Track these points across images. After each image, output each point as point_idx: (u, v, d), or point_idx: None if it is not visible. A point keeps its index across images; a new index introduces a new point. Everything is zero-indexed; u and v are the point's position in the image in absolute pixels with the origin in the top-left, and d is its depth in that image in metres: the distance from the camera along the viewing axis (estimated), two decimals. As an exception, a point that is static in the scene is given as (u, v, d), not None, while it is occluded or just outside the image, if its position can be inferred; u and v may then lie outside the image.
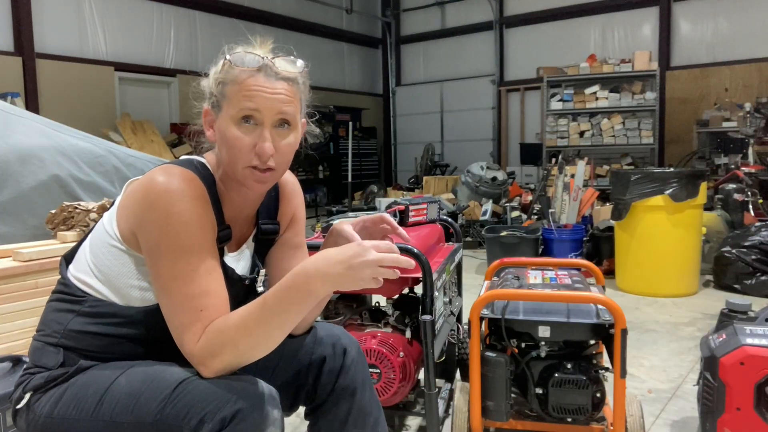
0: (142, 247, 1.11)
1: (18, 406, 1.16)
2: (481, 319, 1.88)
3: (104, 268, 1.17)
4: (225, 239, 1.21)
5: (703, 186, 4.17)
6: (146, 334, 1.17)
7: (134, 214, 1.11)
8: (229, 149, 1.13)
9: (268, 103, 1.11)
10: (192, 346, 1.05)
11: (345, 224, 1.28)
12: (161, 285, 1.08)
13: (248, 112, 1.11)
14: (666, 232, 4.18)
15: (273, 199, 1.35)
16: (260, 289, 1.33)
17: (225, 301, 1.11)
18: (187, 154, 1.25)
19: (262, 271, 1.35)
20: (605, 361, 1.93)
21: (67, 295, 1.20)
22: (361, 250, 1.01)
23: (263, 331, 1.04)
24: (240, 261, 1.29)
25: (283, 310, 1.03)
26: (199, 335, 1.05)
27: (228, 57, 1.13)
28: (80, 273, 1.20)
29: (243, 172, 1.13)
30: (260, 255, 1.36)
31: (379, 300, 2.20)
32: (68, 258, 1.26)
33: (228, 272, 1.22)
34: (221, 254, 1.22)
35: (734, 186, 5.37)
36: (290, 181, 1.38)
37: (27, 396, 1.15)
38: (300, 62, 1.18)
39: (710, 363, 1.88)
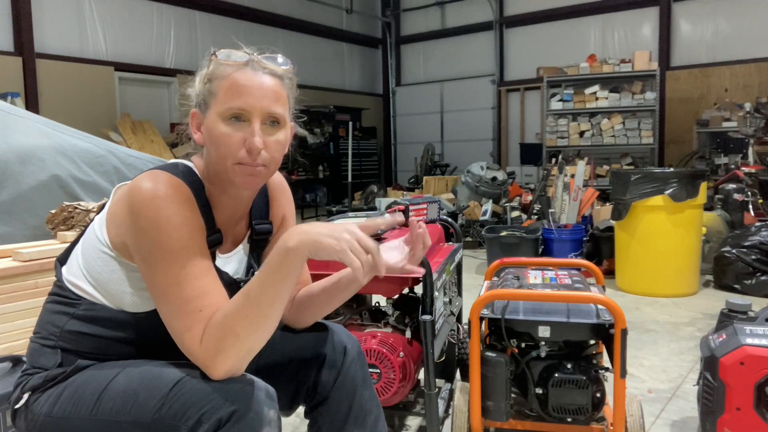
0: (134, 256, 1.10)
1: (16, 406, 1.17)
2: (481, 319, 1.88)
3: (95, 274, 1.17)
4: (215, 244, 1.20)
5: (703, 186, 4.17)
6: (140, 338, 1.17)
7: (123, 223, 1.11)
8: (218, 147, 1.12)
9: (256, 100, 1.11)
10: (196, 348, 1.05)
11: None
12: (158, 292, 1.08)
13: (237, 111, 1.10)
14: (666, 232, 4.18)
15: (263, 199, 1.35)
16: None
17: (224, 299, 1.10)
18: (183, 156, 1.24)
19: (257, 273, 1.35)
20: (605, 361, 1.93)
21: (62, 297, 1.20)
22: (349, 226, 1.03)
23: (257, 309, 1.02)
24: (231, 263, 1.28)
25: (269, 277, 1.02)
26: (201, 335, 1.05)
27: (215, 53, 1.14)
28: (73, 277, 1.20)
29: (232, 168, 1.12)
30: (255, 256, 1.36)
31: (379, 300, 2.20)
32: (62, 260, 1.26)
33: (221, 275, 1.21)
34: (212, 258, 1.22)
35: (734, 186, 5.37)
36: (277, 181, 1.38)
37: (25, 396, 1.15)
38: (286, 60, 1.18)
39: (710, 363, 1.88)
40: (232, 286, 1.24)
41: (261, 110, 1.11)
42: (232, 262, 1.29)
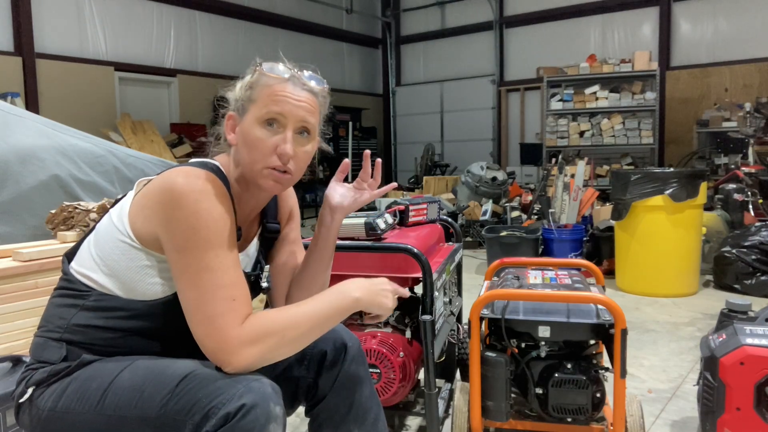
0: (166, 246, 1.12)
1: (21, 401, 1.17)
2: (481, 319, 1.88)
3: (111, 263, 1.18)
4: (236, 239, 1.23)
5: (703, 186, 4.17)
6: (150, 328, 1.18)
7: (156, 215, 1.12)
8: (251, 149, 1.18)
9: (293, 109, 1.18)
10: (228, 333, 1.06)
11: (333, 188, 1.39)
12: (189, 278, 1.09)
13: (274, 115, 1.17)
14: (666, 232, 4.18)
15: (273, 200, 1.40)
16: (264, 284, 1.36)
17: (249, 292, 1.15)
18: (189, 155, 1.26)
19: (266, 268, 1.39)
20: (605, 361, 1.93)
21: (70, 290, 1.20)
22: (390, 287, 1.28)
23: (310, 327, 1.13)
24: (245, 259, 1.32)
25: (327, 308, 1.16)
26: (236, 323, 1.07)
27: (260, 64, 1.21)
28: (84, 268, 1.21)
29: (262, 173, 1.18)
30: (263, 252, 1.40)
31: (379, 300, 2.20)
32: (70, 255, 1.28)
33: None
34: None
35: (734, 186, 5.37)
36: None
37: (30, 390, 1.16)
38: (322, 80, 1.26)
39: (710, 363, 1.89)
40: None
41: (296, 118, 1.19)
42: (245, 258, 1.33)
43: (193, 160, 1.25)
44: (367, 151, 1.40)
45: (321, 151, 1.36)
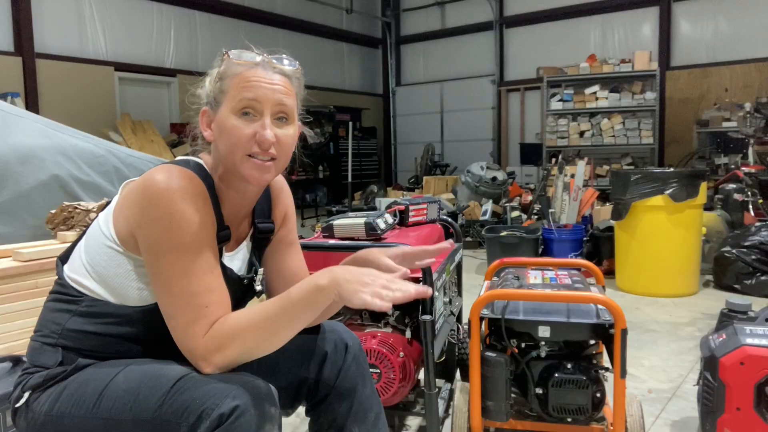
0: (141, 247, 1.11)
1: (17, 405, 1.17)
2: (481, 319, 1.88)
3: (100, 269, 1.17)
4: (224, 239, 1.21)
5: (703, 186, 4.17)
6: (143, 333, 1.17)
7: (133, 215, 1.11)
8: (229, 139, 1.13)
9: (267, 93, 1.13)
10: (197, 342, 1.06)
11: (381, 254, 1.27)
12: (162, 283, 1.09)
13: (248, 102, 1.13)
14: (666, 232, 4.18)
15: (266, 199, 1.36)
16: (258, 288, 1.34)
17: (227, 297, 1.12)
18: (185, 155, 1.25)
19: (260, 270, 1.36)
20: (605, 361, 1.93)
21: (63, 295, 1.20)
22: (377, 273, 1.06)
23: (272, 326, 1.07)
24: (235, 260, 1.29)
25: (293, 305, 1.06)
26: (205, 331, 1.07)
27: (226, 53, 1.17)
28: (76, 274, 1.20)
29: (242, 161, 1.14)
30: (257, 254, 1.37)
31: (379, 300, 2.20)
32: (63, 258, 1.27)
33: (227, 272, 1.23)
34: (219, 254, 1.22)
35: (734, 186, 5.37)
36: (278, 181, 1.40)
37: (26, 395, 1.15)
38: (294, 62, 1.22)
39: (710, 363, 1.89)
40: (236, 282, 1.25)
41: (272, 103, 1.14)
42: (237, 259, 1.30)
43: (178, 158, 1.23)
44: (446, 245, 1.30)
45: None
